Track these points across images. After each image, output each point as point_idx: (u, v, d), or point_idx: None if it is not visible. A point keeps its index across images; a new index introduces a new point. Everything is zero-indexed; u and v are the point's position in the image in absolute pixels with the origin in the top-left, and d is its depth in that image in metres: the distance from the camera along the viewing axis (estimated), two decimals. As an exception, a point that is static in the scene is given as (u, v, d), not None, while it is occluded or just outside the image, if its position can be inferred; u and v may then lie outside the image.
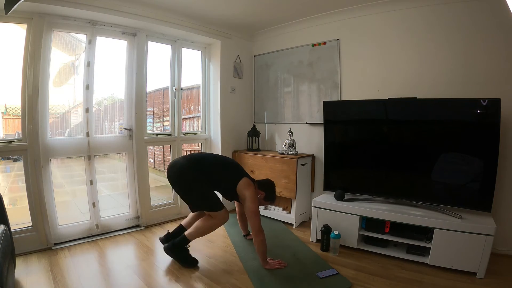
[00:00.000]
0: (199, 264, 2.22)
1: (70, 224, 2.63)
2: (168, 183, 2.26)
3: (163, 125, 3.49)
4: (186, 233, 2.18)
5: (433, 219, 2.14)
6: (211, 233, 2.24)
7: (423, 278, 2.01)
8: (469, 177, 2.21)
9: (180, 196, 2.33)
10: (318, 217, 2.62)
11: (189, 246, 2.23)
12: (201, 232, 2.17)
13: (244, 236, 2.70)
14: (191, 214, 2.43)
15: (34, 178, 2.37)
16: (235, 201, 2.52)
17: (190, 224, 2.33)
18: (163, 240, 2.33)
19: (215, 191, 2.25)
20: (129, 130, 2.95)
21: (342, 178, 2.82)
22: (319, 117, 3.19)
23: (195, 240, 2.22)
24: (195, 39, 3.38)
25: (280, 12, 3.06)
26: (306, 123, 3.33)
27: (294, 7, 2.91)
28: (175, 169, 2.17)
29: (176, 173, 2.16)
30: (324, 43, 3.14)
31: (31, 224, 2.39)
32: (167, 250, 2.18)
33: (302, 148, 3.31)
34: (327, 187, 2.83)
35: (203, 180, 2.16)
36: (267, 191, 2.33)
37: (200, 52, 3.57)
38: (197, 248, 2.49)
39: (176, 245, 2.16)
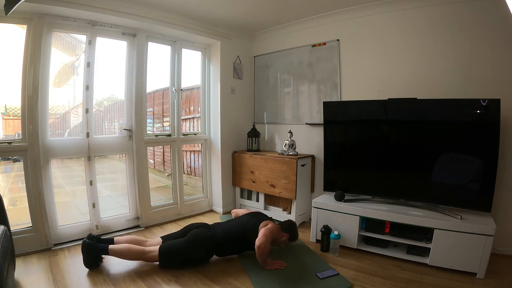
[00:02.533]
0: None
1: (70, 225, 2.63)
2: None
3: (163, 126, 3.49)
4: (110, 246, 2.11)
5: (433, 220, 2.14)
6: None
7: (423, 278, 2.01)
8: (469, 177, 2.21)
9: (178, 232, 2.34)
10: (318, 217, 2.62)
11: (104, 258, 2.21)
12: (123, 255, 2.11)
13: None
14: (128, 237, 2.31)
15: (34, 179, 2.37)
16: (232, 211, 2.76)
17: (120, 242, 2.22)
18: (91, 237, 2.20)
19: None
20: (129, 130, 2.95)
21: (342, 178, 2.82)
22: (319, 117, 3.19)
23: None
24: (195, 39, 3.38)
25: (280, 12, 3.06)
26: (306, 123, 3.33)
27: (294, 7, 2.92)
28: (202, 237, 2.20)
29: (198, 239, 2.18)
30: (324, 43, 3.14)
31: (31, 225, 2.39)
32: (85, 246, 2.09)
33: (302, 148, 3.31)
34: (327, 188, 2.83)
35: (209, 256, 2.24)
36: (290, 232, 2.39)
37: (200, 52, 3.57)
38: (197, 249, 2.49)
39: (96, 249, 2.10)
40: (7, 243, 1.66)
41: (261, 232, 2.15)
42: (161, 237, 2.33)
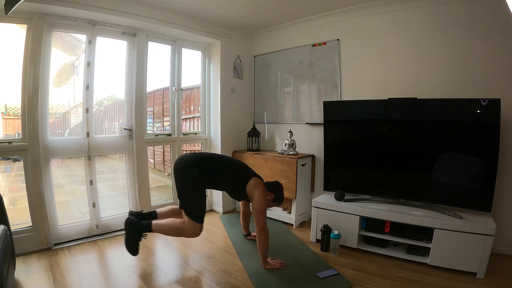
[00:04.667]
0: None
1: (70, 224, 2.63)
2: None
3: (163, 125, 3.49)
4: (154, 222, 2.11)
5: (433, 219, 2.14)
6: (180, 237, 2.17)
7: (423, 278, 2.01)
8: (469, 177, 2.21)
9: (177, 190, 2.22)
10: (318, 217, 2.62)
11: (146, 236, 2.15)
12: (167, 230, 2.10)
13: (244, 236, 2.70)
14: (170, 208, 2.34)
15: (34, 178, 2.36)
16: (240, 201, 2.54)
17: (163, 216, 2.26)
18: (133, 213, 2.21)
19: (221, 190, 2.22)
20: (129, 130, 2.95)
21: (342, 178, 2.82)
22: (319, 117, 3.19)
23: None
24: (195, 39, 3.38)
25: (280, 12, 3.06)
26: (306, 123, 3.33)
27: (294, 7, 2.91)
28: (183, 163, 2.15)
29: (182, 167, 2.13)
30: (324, 43, 3.14)
31: (31, 224, 2.39)
32: (128, 223, 2.09)
33: (302, 148, 3.31)
34: (327, 187, 2.83)
35: (205, 183, 2.16)
36: (276, 193, 2.33)
37: (200, 52, 3.57)
38: (197, 248, 2.50)
39: (138, 227, 2.08)
40: (7, 242, 1.66)
41: (255, 205, 2.11)
42: (180, 206, 2.20)
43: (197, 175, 2.10)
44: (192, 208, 2.09)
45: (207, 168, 2.15)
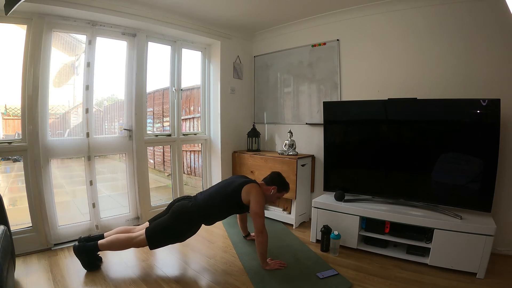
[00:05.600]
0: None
1: (70, 225, 2.63)
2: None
3: (163, 126, 3.50)
4: (99, 242, 2.09)
5: (433, 220, 2.14)
6: (130, 249, 2.18)
7: (423, 278, 2.01)
8: (469, 177, 2.21)
9: (166, 210, 2.23)
10: (318, 217, 2.62)
11: (101, 259, 2.20)
12: (115, 246, 2.10)
13: (244, 237, 2.69)
14: (115, 229, 2.31)
15: (34, 179, 2.36)
16: None
17: (109, 235, 2.21)
18: (81, 239, 2.17)
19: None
20: (129, 130, 2.95)
21: (342, 178, 2.82)
22: (319, 117, 3.19)
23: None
24: (195, 39, 3.38)
25: (280, 12, 3.06)
26: (306, 123, 3.33)
27: (294, 7, 2.92)
28: (185, 205, 2.14)
29: (181, 209, 2.13)
30: (324, 43, 3.14)
31: (31, 225, 2.39)
32: (75, 250, 2.08)
33: (302, 148, 3.31)
34: (327, 188, 2.82)
35: (195, 227, 2.17)
36: (277, 183, 2.32)
37: (200, 52, 3.57)
38: (197, 249, 2.49)
39: (86, 249, 2.08)
40: (7, 243, 1.66)
41: (251, 208, 2.11)
42: (148, 220, 2.26)
43: (191, 221, 2.12)
44: (160, 234, 2.07)
45: (206, 214, 2.16)
